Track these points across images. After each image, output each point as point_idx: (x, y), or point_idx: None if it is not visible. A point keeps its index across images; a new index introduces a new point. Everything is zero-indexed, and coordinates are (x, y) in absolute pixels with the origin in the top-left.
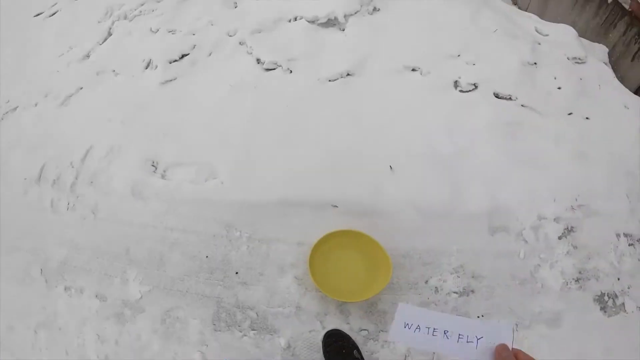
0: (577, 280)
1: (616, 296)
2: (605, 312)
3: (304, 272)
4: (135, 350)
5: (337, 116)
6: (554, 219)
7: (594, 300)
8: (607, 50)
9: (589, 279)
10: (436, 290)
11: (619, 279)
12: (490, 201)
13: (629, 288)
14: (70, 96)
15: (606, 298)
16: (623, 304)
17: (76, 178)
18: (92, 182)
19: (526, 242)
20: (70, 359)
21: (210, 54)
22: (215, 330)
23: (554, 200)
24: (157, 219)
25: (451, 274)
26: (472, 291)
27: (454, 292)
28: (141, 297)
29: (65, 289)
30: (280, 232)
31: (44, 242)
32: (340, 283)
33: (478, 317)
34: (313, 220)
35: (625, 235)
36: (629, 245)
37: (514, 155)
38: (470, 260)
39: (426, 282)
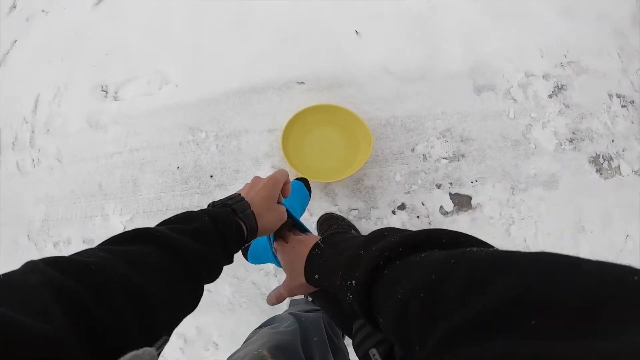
0: (571, 140)
1: (611, 158)
2: (601, 174)
3: (280, 159)
4: None
5: None
6: (543, 76)
7: (589, 161)
8: None
9: (583, 140)
10: (424, 157)
11: (613, 141)
12: (473, 58)
13: (623, 151)
14: (7, 53)
15: (601, 160)
16: (618, 166)
17: (33, 132)
18: (48, 130)
19: (515, 100)
20: None
21: None
22: None
23: (542, 57)
24: (121, 143)
25: (438, 138)
26: (463, 156)
27: (444, 158)
28: (124, 227)
29: (54, 245)
30: (247, 123)
31: (22, 207)
32: (320, 164)
33: (472, 182)
34: (280, 103)
35: (618, 96)
36: (622, 106)
37: (493, 8)
38: (457, 123)
39: (412, 150)
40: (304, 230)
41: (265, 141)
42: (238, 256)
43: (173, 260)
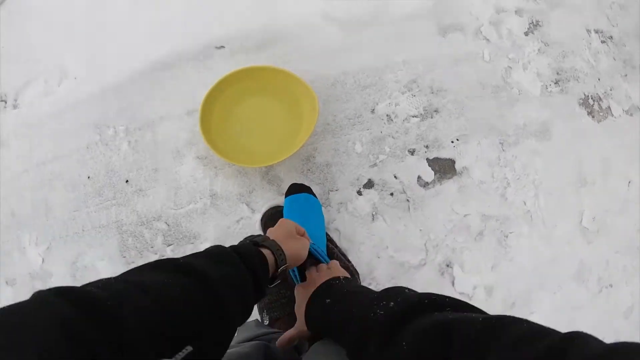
0: (557, 82)
1: (600, 99)
2: (593, 117)
3: (206, 147)
4: None
5: None
6: (516, 12)
7: (579, 104)
8: None
9: (569, 80)
10: (389, 118)
11: (599, 80)
12: None
13: (611, 90)
14: None
15: (591, 101)
16: (609, 107)
17: None
18: None
19: (488, 40)
20: None
21: None
22: (128, 263)
23: None
24: (26, 160)
25: (403, 93)
26: (436, 111)
27: (413, 117)
28: (43, 260)
29: None
30: (161, 108)
31: None
32: (254, 145)
33: (452, 142)
34: (198, 77)
35: (596, 31)
36: (601, 42)
37: None
38: (423, 72)
39: (372, 110)
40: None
41: (185, 127)
42: None
43: (197, 289)
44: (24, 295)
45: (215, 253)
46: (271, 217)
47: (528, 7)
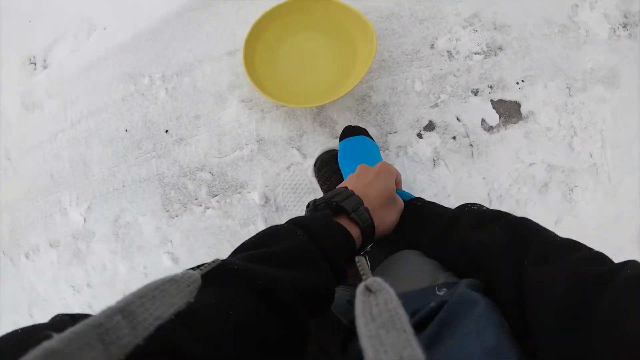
0: (625, 26)
1: None
2: None
3: (251, 88)
4: (108, 285)
5: None
6: None
7: None
8: None
9: (637, 25)
10: (449, 55)
11: None
12: None
13: None
14: None
15: None
16: None
17: None
18: None
19: None
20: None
21: None
22: (171, 217)
23: None
24: (60, 119)
25: (464, 28)
26: (500, 48)
27: (476, 54)
28: (84, 220)
29: (26, 257)
30: (199, 50)
31: None
32: (305, 84)
33: (517, 83)
34: (237, 13)
35: None
36: None
37: None
38: (485, 5)
39: (432, 46)
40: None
41: (226, 69)
42: None
43: (257, 303)
44: (68, 257)
45: (273, 239)
46: (325, 162)
47: None
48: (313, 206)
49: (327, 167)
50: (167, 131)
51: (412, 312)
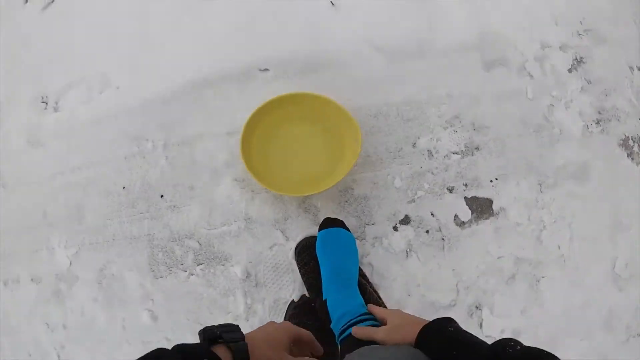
0: (598, 122)
1: None
2: (632, 159)
3: (244, 169)
4: (84, 329)
5: None
6: (560, 47)
7: (619, 145)
8: None
9: (610, 120)
10: (429, 154)
11: None
12: (478, 27)
13: None
14: None
15: (631, 142)
16: None
17: None
18: None
19: (532, 77)
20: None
21: None
22: (156, 277)
23: (556, 24)
24: (62, 162)
25: (445, 128)
26: (477, 148)
27: (454, 153)
28: (70, 263)
29: (5, 284)
30: (202, 126)
31: None
32: (294, 172)
33: (491, 181)
34: (239, 98)
35: (639, 68)
36: None
37: None
38: (466, 107)
39: (414, 145)
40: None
41: (224, 147)
42: None
43: None
44: (48, 295)
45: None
46: (305, 247)
47: (572, 43)
48: (201, 333)
49: (307, 253)
50: (162, 196)
51: None
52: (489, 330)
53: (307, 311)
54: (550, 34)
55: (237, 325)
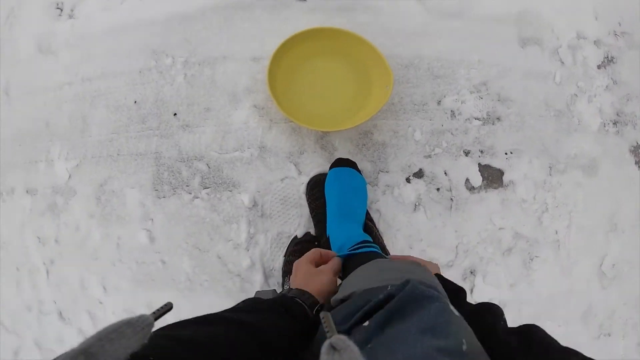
0: (615, 123)
1: None
2: (639, 167)
3: (266, 97)
4: (77, 245)
5: None
6: (594, 42)
7: (630, 151)
8: None
9: (626, 125)
10: (452, 114)
11: None
12: (520, 3)
13: None
14: None
15: None
16: None
17: None
18: None
19: (562, 63)
20: (22, 275)
21: None
22: (159, 197)
23: (596, 19)
24: (72, 71)
25: (471, 92)
26: (499, 119)
27: (476, 119)
28: (69, 176)
29: None
30: (226, 48)
31: None
32: (317, 107)
33: (506, 153)
34: (271, 24)
35: None
36: None
37: None
38: (495, 77)
39: (439, 102)
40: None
41: (247, 72)
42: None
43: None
44: (42, 208)
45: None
46: (318, 183)
47: (607, 41)
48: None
49: (318, 189)
50: (175, 114)
51: (363, 305)
52: (478, 297)
53: (309, 248)
54: (588, 26)
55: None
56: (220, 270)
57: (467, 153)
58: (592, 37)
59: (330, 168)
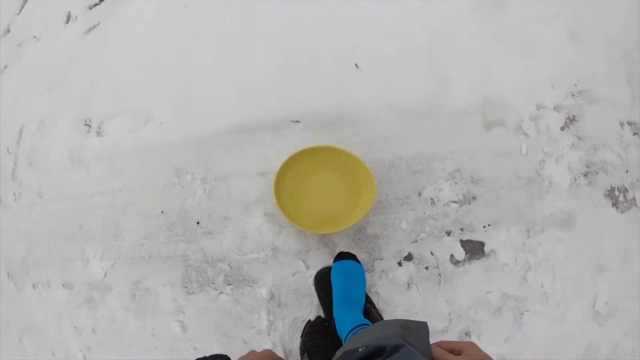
0: (586, 175)
1: (626, 190)
2: (617, 208)
3: (274, 206)
4: (113, 335)
5: (282, 13)
6: (554, 108)
7: (605, 195)
8: None
9: (598, 173)
10: (432, 202)
11: (627, 172)
12: (482, 92)
13: (638, 181)
14: None
15: (617, 193)
16: (634, 198)
17: (15, 163)
18: (30, 163)
19: (527, 135)
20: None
21: None
22: (188, 293)
23: (552, 87)
24: (102, 183)
25: (447, 180)
26: (474, 198)
27: (454, 202)
28: (105, 274)
29: (33, 287)
30: (237, 165)
31: (2, 243)
32: (318, 212)
33: (484, 227)
34: (273, 144)
35: (629, 123)
36: (633, 134)
37: (501, 39)
38: (466, 163)
39: (419, 194)
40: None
41: (256, 185)
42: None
43: None
44: (79, 301)
45: None
46: (323, 276)
47: (566, 103)
48: None
49: (324, 280)
50: (198, 223)
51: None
52: None
53: (321, 329)
54: (546, 95)
55: (227, 356)
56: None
57: (448, 233)
58: (552, 104)
59: (335, 260)
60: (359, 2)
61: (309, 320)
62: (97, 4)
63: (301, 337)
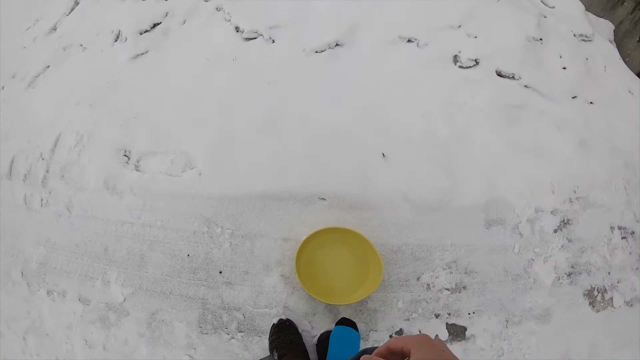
0: (569, 275)
1: (605, 290)
2: (593, 307)
3: (291, 270)
4: (124, 355)
5: (324, 93)
6: (551, 212)
7: (584, 295)
8: (613, 27)
9: (581, 273)
10: (427, 287)
11: (609, 273)
12: (488, 192)
13: (618, 282)
14: (37, 76)
15: (595, 293)
16: (611, 298)
17: (47, 171)
18: (63, 175)
19: (521, 235)
20: None
21: (184, 22)
22: (202, 333)
23: (553, 193)
24: (134, 215)
25: (444, 269)
26: (464, 287)
27: (446, 289)
28: (124, 299)
29: (47, 293)
30: (264, 228)
31: (21, 242)
32: (328, 283)
33: (469, 314)
34: (299, 215)
35: (620, 228)
36: (622, 238)
37: (514, 141)
38: (464, 256)
39: (418, 278)
40: None
41: (278, 249)
42: None
43: None
44: (93, 317)
45: None
46: (325, 338)
47: (563, 208)
48: None
49: (325, 342)
50: (220, 272)
51: None
52: None
53: (284, 327)
54: (546, 200)
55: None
56: None
57: (437, 316)
58: (549, 208)
59: (337, 324)
60: (388, 97)
61: (273, 324)
62: (147, 31)
63: (268, 339)
